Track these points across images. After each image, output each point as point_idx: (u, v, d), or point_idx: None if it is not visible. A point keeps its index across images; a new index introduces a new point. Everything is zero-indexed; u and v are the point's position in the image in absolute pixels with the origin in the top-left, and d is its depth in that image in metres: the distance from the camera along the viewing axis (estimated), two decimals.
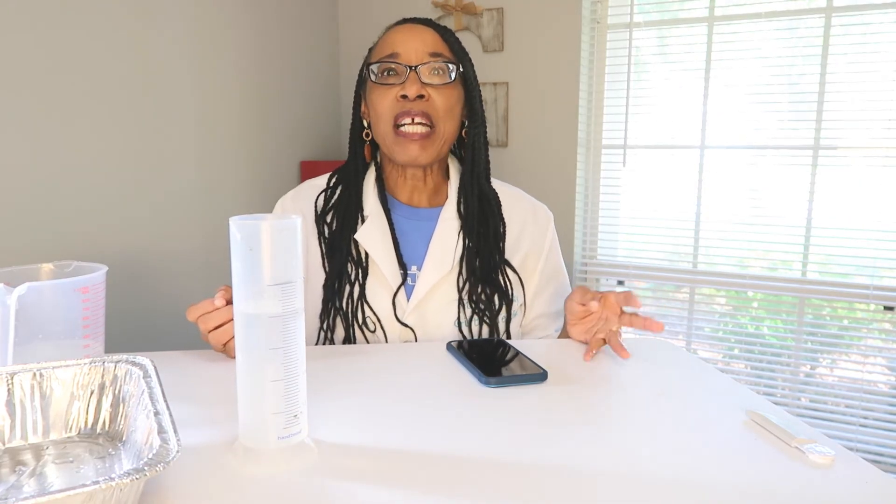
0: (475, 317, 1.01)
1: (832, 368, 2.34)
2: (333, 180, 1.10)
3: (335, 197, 1.08)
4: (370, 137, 1.08)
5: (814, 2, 2.15)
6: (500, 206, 1.09)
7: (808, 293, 2.26)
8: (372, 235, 1.02)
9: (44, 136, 1.57)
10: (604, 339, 0.89)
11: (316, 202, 1.08)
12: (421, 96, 0.98)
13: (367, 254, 1.02)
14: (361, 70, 1.08)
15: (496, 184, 1.12)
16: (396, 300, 1.00)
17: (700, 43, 2.30)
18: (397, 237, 1.03)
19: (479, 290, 1.02)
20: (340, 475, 0.56)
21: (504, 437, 0.63)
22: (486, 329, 1.01)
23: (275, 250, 0.55)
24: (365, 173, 1.09)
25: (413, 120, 0.98)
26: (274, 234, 0.55)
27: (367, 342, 1.00)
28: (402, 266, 1.02)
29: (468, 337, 1.00)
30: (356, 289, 1.01)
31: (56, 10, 1.57)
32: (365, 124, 1.08)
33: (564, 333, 1.03)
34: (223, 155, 2.13)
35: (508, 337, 1.04)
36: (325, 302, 1.01)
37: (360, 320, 0.99)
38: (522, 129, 2.51)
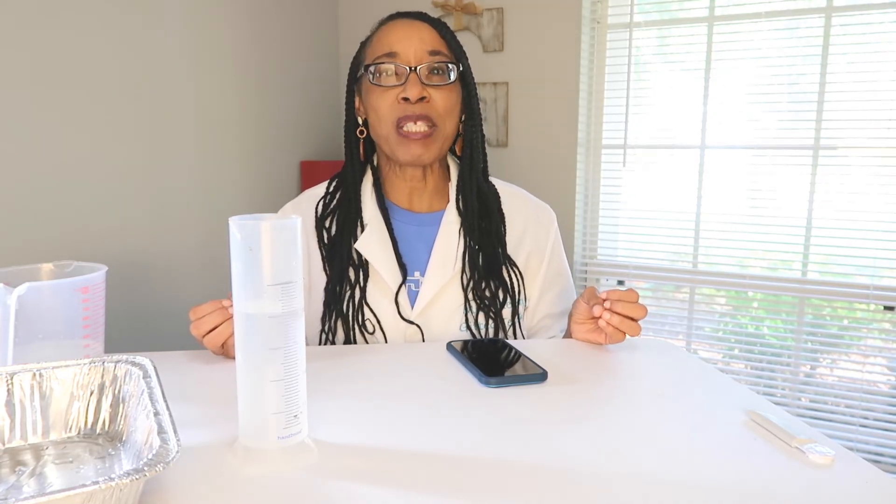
0: (481, 313, 1.01)
1: (832, 368, 2.34)
2: (332, 186, 1.10)
3: (334, 202, 1.08)
4: (364, 135, 1.07)
5: (814, 2, 2.15)
6: (500, 202, 1.09)
7: (808, 293, 2.26)
8: (372, 244, 1.02)
9: (44, 137, 1.57)
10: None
11: (316, 208, 1.08)
12: (422, 98, 0.97)
13: (367, 261, 1.02)
14: (355, 67, 1.06)
15: (497, 182, 1.11)
16: (399, 303, 1.00)
17: (700, 43, 2.30)
18: (398, 243, 1.02)
19: (483, 286, 1.02)
20: (340, 475, 0.56)
21: (504, 437, 0.63)
22: (492, 325, 1.01)
23: (275, 250, 0.55)
24: (362, 177, 1.08)
25: (416, 122, 0.98)
26: (274, 233, 0.55)
27: (367, 344, 0.99)
28: (404, 272, 1.01)
29: (475, 336, 1.00)
30: (357, 292, 1.00)
31: (55, 10, 1.57)
32: (359, 121, 1.07)
33: (568, 332, 1.03)
34: (223, 155, 2.13)
35: (515, 336, 1.04)
36: (326, 305, 1.01)
37: (360, 322, 0.99)
38: (522, 129, 2.51)
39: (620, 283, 2.56)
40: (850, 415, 2.28)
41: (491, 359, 0.84)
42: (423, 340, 1.00)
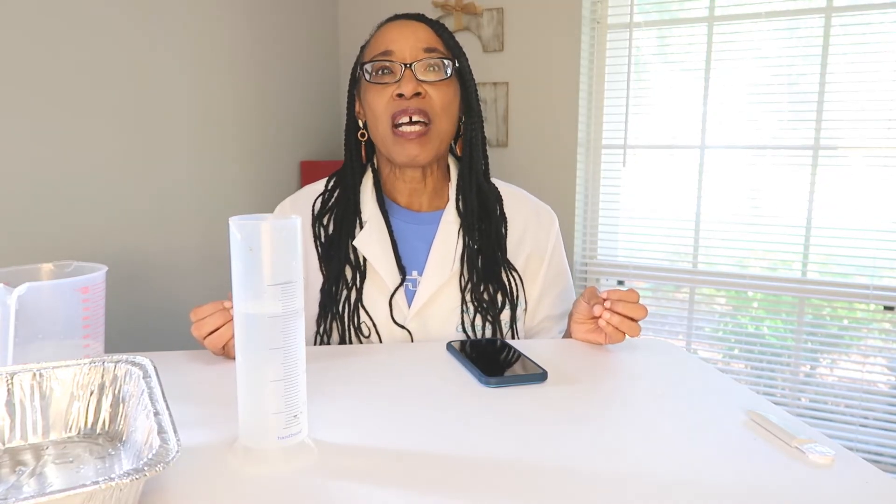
0: (478, 315, 1.00)
1: (832, 368, 2.34)
2: (331, 183, 1.10)
3: (332, 200, 1.07)
4: (366, 138, 1.07)
5: (814, 2, 2.15)
6: (502, 202, 1.09)
7: (808, 293, 2.26)
8: (370, 241, 1.01)
9: (44, 137, 1.57)
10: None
11: (314, 206, 1.07)
12: (418, 94, 0.97)
13: (365, 259, 1.01)
14: (354, 69, 1.06)
15: (498, 183, 1.11)
16: (395, 304, 1.00)
17: (700, 43, 2.30)
18: (396, 242, 1.02)
19: (482, 288, 1.01)
20: (340, 475, 0.56)
21: (504, 437, 0.63)
22: (489, 328, 1.01)
23: (275, 250, 0.55)
24: (362, 176, 1.08)
25: (411, 119, 0.97)
26: (274, 233, 0.55)
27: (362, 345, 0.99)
28: (402, 271, 1.01)
29: (472, 338, 1.00)
30: (353, 293, 1.00)
31: (55, 10, 1.57)
32: (360, 124, 1.07)
33: (568, 332, 1.03)
34: (223, 155, 2.13)
35: (513, 339, 1.04)
36: (322, 306, 1.01)
37: (356, 324, 0.99)
38: (522, 129, 2.51)
39: (620, 283, 2.56)
40: (850, 415, 2.28)
41: (491, 359, 0.84)
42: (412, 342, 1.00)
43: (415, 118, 0.97)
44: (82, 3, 1.64)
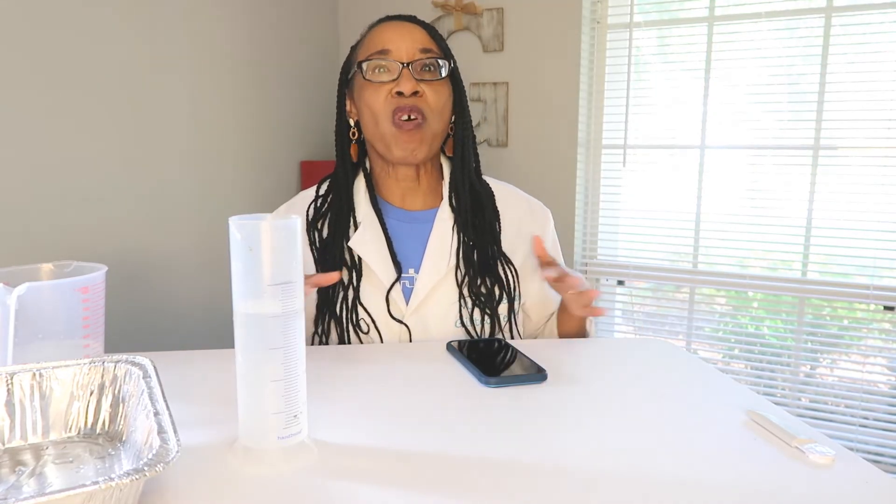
0: (476, 309, 1.01)
1: (832, 368, 2.34)
2: (323, 188, 1.10)
3: (326, 204, 1.08)
4: (356, 137, 1.08)
5: (814, 2, 2.15)
6: (494, 199, 1.09)
7: (808, 293, 2.26)
8: (365, 241, 1.02)
9: (43, 136, 1.57)
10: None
11: (307, 211, 1.08)
12: (416, 93, 0.98)
13: (360, 259, 1.02)
14: (345, 70, 1.07)
15: (490, 181, 1.12)
16: (392, 300, 1.00)
17: (700, 43, 2.29)
18: (391, 241, 1.03)
19: (479, 282, 1.02)
20: (340, 475, 0.56)
21: (504, 437, 0.63)
22: (488, 322, 1.01)
23: (275, 250, 0.55)
24: (355, 177, 1.08)
25: (409, 116, 0.99)
26: (274, 233, 0.55)
27: (362, 344, 0.99)
28: (398, 268, 1.01)
29: (472, 333, 1.00)
30: (350, 292, 1.01)
31: (55, 10, 1.57)
32: (351, 123, 1.08)
33: (566, 325, 1.06)
34: (223, 155, 2.13)
35: (512, 333, 1.04)
36: (319, 306, 1.01)
37: (354, 321, 0.99)
38: (522, 129, 2.51)
39: (620, 282, 2.56)
40: (850, 415, 2.28)
41: (491, 359, 0.84)
42: (410, 340, 1.00)
43: (412, 115, 0.99)
44: (82, 4, 1.64)
